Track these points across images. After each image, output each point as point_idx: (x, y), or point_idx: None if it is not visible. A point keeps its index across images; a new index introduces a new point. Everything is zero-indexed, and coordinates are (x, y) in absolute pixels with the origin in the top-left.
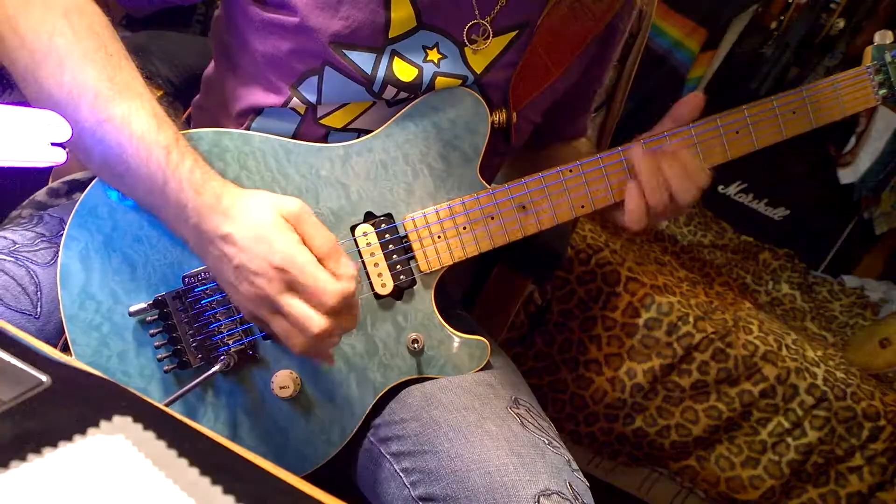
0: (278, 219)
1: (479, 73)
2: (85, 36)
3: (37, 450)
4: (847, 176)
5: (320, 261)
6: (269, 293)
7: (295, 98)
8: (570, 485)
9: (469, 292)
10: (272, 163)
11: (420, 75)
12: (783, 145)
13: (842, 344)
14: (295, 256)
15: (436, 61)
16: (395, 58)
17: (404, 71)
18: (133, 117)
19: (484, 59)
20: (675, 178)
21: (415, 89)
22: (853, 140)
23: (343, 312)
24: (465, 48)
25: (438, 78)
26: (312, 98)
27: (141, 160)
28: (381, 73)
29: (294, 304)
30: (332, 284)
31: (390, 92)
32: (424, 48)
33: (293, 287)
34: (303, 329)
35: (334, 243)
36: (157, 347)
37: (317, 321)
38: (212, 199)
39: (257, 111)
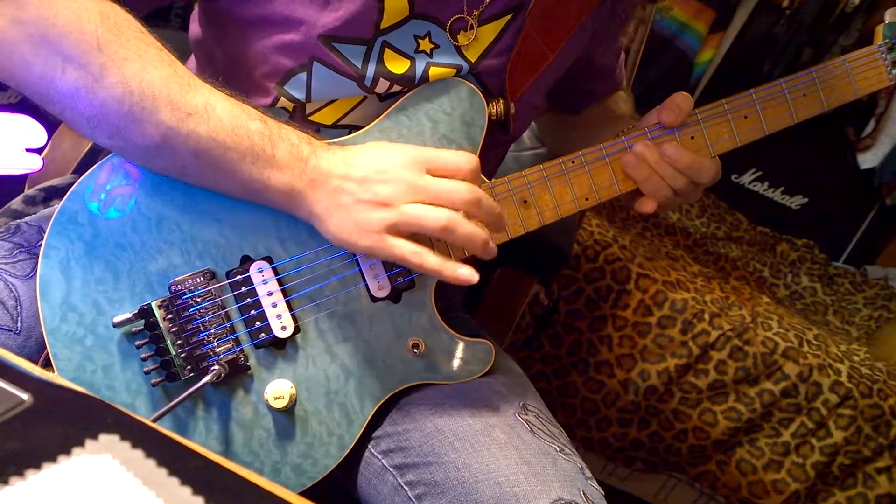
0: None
1: (473, 61)
2: (132, 36)
3: (19, 472)
4: (867, 160)
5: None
6: (409, 178)
7: (282, 98)
8: (584, 493)
9: (471, 294)
10: None
11: (412, 66)
12: (799, 130)
13: (866, 338)
14: (418, 147)
15: (428, 51)
16: (386, 49)
17: (396, 63)
18: (214, 102)
19: (478, 48)
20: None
21: (408, 82)
22: (872, 123)
23: (477, 201)
24: (458, 35)
25: (432, 68)
26: (301, 96)
27: (239, 137)
28: (371, 66)
29: (433, 181)
30: (464, 153)
31: (383, 85)
32: (416, 38)
33: (427, 168)
34: (449, 197)
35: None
36: (144, 360)
37: (462, 187)
38: (322, 144)
39: None
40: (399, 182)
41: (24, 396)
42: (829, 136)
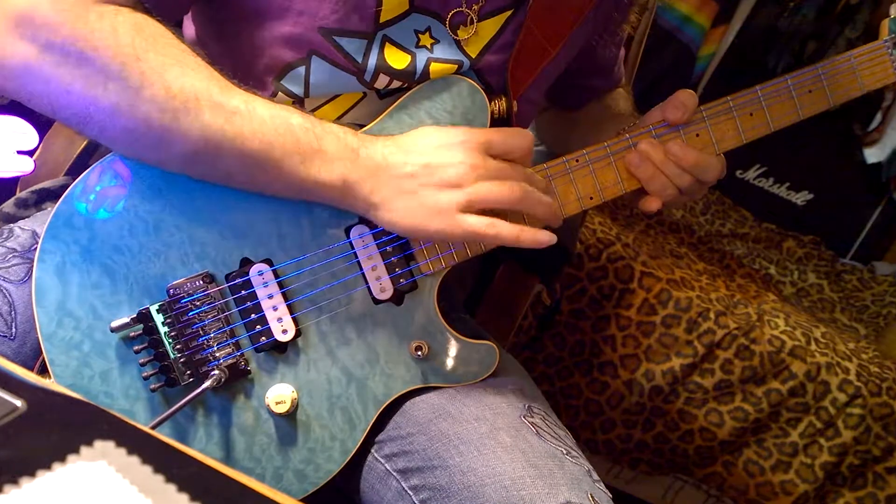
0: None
1: (474, 57)
2: (166, 44)
3: (14, 480)
4: (874, 155)
5: None
6: (471, 156)
7: (280, 93)
8: (592, 496)
9: (472, 294)
10: None
11: (413, 62)
12: (804, 125)
13: (875, 335)
14: (475, 129)
15: (429, 46)
16: (387, 44)
17: (396, 58)
18: (252, 100)
19: (478, 43)
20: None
21: (409, 77)
22: (879, 116)
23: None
24: (458, 29)
25: (433, 64)
26: (299, 91)
27: (283, 133)
28: (372, 60)
29: (494, 164)
30: (517, 131)
31: (383, 81)
32: (416, 33)
33: (490, 149)
34: (509, 178)
35: None
36: (143, 365)
37: (518, 170)
38: (368, 136)
39: None
40: (463, 165)
41: (18, 403)
42: (835, 130)
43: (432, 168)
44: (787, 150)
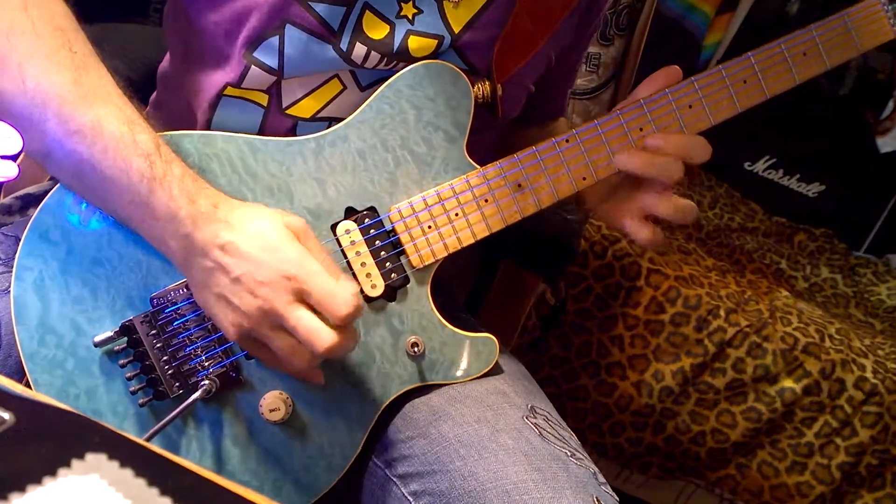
0: (284, 230)
1: (457, 32)
2: (47, 32)
3: (3, 496)
4: (887, 144)
5: None
6: (275, 305)
7: (253, 67)
8: (598, 500)
9: (473, 295)
10: (238, 163)
11: (391, 33)
12: (814, 114)
13: (891, 331)
14: (306, 264)
15: (410, 17)
16: (367, 12)
17: (375, 27)
18: (105, 124)
19: (464, 16)
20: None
21: (386, 49)
22: (891, 104)
23: (348, 329)
24: (444, 2)
25: (411, 37)
26: (273, 63)
27: (119, 171)
28: (349, 28)
29: (304, 317)
30: (347, 291)
31: (360, 52)
32: (399, 1)
33: (303, 297)
34: (311, 343)
35: (334, 264)
36: (129, 379)
37: (326, 334)
38: (208, 207)
39: (216, 100)
40: (266, 302)
41: (6, 416)
42: (846, 119)
43: (240, 285)
44: (797, 140)
